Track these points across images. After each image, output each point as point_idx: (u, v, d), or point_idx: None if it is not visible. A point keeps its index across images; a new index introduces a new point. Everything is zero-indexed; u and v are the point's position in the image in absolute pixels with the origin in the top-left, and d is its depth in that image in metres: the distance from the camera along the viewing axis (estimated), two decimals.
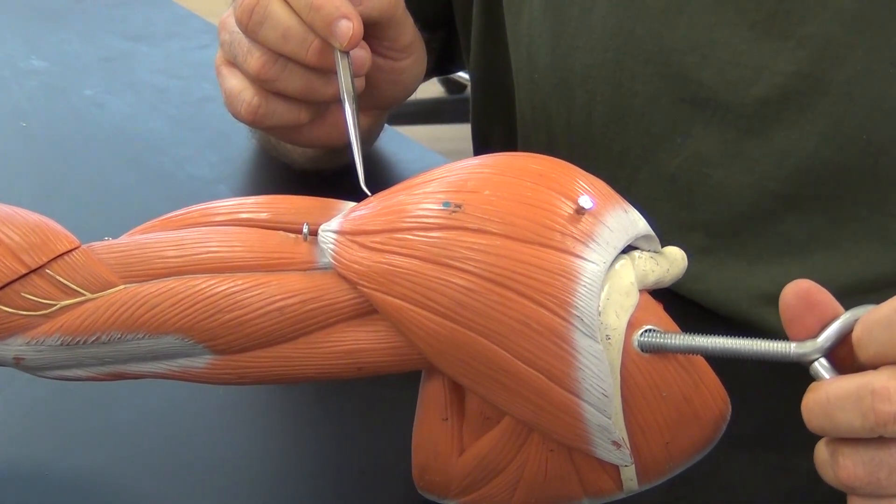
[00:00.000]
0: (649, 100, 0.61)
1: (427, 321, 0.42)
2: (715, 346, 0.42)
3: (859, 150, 0.57)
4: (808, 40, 0.56)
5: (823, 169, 0.58)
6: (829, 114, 0.57)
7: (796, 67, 0.56)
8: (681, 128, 0.60)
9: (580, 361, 0.41)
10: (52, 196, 0.75)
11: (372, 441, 0.55)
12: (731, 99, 0.58)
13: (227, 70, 0.60)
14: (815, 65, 0.56)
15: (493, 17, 0.71)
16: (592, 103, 0.62)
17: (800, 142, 0.58)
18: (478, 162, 0.46)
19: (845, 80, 0.56)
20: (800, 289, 0.40)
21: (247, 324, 0.45)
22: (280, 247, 0.46)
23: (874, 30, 0.55)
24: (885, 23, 0.55)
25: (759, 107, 0.58)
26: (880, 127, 0.56)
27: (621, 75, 0.61)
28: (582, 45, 0.63)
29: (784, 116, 0.58)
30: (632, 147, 0.55)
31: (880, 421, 0.37)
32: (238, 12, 0.55)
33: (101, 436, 0.55)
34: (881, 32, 0.55)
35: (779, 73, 0.57)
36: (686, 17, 0.58)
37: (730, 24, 0.57)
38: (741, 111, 0.59)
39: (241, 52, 0.57)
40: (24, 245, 0.45)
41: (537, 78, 0.66)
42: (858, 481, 0.38)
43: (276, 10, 0.54)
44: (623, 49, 0.61)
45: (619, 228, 0.43)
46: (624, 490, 0.46)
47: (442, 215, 0.43)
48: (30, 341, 0.46)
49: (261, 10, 0.54)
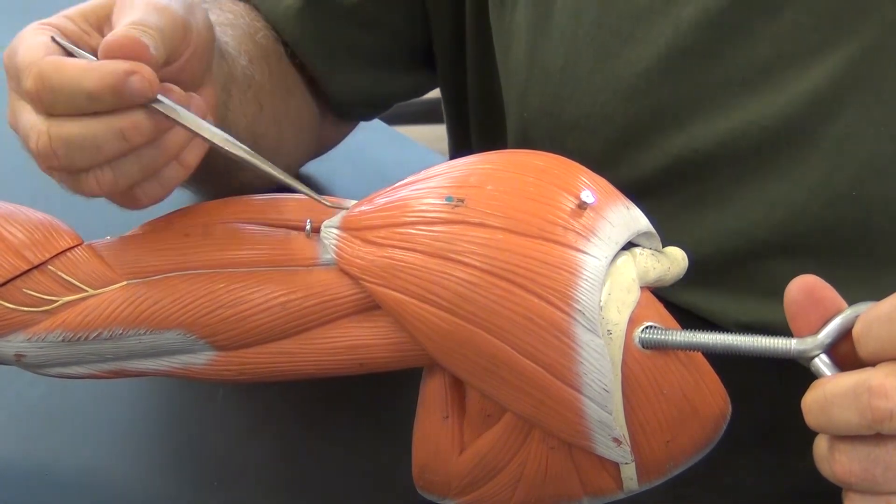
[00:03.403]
0: (641, 149, 0.61)
1: (429, 315, 0.43)
2: (716, 343, 0.42)
3: (850, 206, 0.56)
4: (800, 97, 0.56)
5: (813, 221, 0.58)
6: (820, 168, 0.56)
7: (786, 123, 0.56)
8: (674, 172, 0.60)
9: (581, 356, 0.41)
10: (52, 195, 0.74)
11: (372, 441, 0.55)
12: (721, 152, 0.58)
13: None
14: (807, 120, 0.56)
15: (486, 44, 0.71)
16: (583, 150, 0.62)
17: (790, 194, 0.58)
18: (480, 158, 0.46)
19: (837, 136, 0.56)
20: (805, 284, 0.41)
21: (249, 319, 0.45)
22: (282, 243, 0.46)
23: (865, 88, 0.55)
24: (877, 82, 0.55)
25: (749, 158, 0.58)
26: (871, 184, 0.56)
27: (609, 128, 0.61)
28: (568, 97, 0.62)
29: (775, 168, 0.58)
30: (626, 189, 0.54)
31: (877, 418, 0.37)
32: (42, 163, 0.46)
33: (101, 435, 0.55)
34: (872, 91, 0.55)
35: (769, 129, 0.57)
36: (672, 74, 0.58)
37: (720, 80, 0.57)
38: (733, 161, 0.59)
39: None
40: (27, 242, 0.46)
41: (527, 117, 0.65)
42: (854, 477, 0.38)
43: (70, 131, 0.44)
44: (610, 104, 0.60)
45: (621, 224, 0.43)
46: (624, 489, 0.46)
47: (444, 209, 0.43)
48: (31, 338, 0.46)
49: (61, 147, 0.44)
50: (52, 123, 0.44)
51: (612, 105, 0.60)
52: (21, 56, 0.46)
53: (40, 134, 0.45)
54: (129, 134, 0.44)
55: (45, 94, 0.44)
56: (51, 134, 0.44)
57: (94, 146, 0.44)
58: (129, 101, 0.44)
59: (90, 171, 0.46)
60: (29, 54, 0.45)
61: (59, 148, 0.44)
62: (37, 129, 0.45)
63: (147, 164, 0.47)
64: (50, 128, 0.44)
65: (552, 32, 0.62)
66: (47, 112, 0.45)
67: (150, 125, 0.45)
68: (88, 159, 0.45)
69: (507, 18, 0.65)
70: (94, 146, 0.44)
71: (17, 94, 0.47)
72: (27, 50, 0.46)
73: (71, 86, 0.44)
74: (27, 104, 0.46)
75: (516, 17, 0.65)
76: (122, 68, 0.43)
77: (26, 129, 0.46)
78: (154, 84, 0.44)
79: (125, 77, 0.43)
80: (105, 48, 0.44)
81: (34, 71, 0.44)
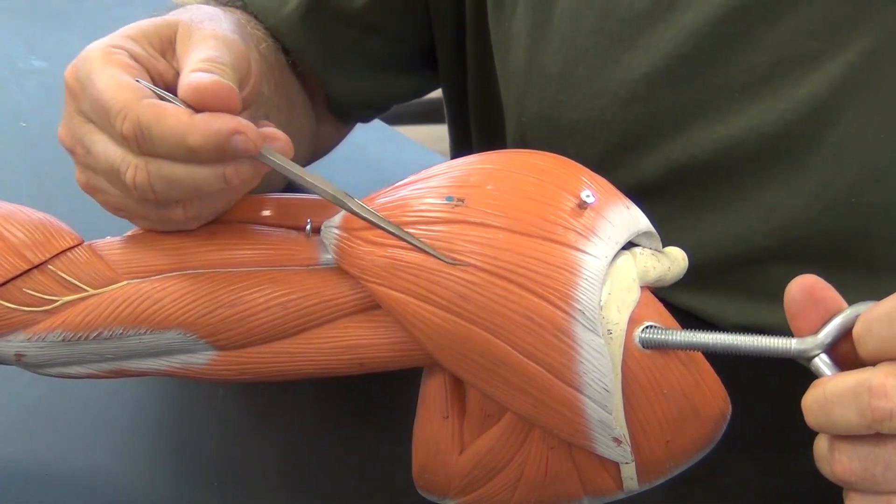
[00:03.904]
0: (640, 154, 0.61)
1: (429, 314, 0.43)
2: (716, 343, 0.42)
3: (848, 213, 0.56)
4: (799, 103, 0.56)
5: (812, 227, 0.58)
6: (818, 174, 0.56)
7: (785, 129, 0.56)
8: (673, 178, 0.60)
9: (581, 355, 0.41)
10: (52, 196, 0.75)
11: (372, 441, 0.55)
12: (720, 157, 0.58)
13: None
14: (806, 126, 0.56)
15: (485, 47, 0.71)
16: (581, 155, 0.62)
17: (788, 199, 0.58)
18: (480, 158, 0.46)
19: (836, 142, 0.56)
20: (805, 283, 0.41)
21: (249, 319, 0.45)
22: (283, 243, 0.46)
23: (864, 95, 0.55)
24: (876, 89, 0.55)
25: (748, 164, 0.58)
26: (870, 190, 0.56)
27: (608, 133, 0.61)
28: (567, 101, 0.62)
29: (774, 174, 0.58)
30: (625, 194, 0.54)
31: (877, 417, 0.37)
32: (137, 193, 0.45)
33: (101, 435, 0.55)
34: (871, 98, 0.55)
35: (769, 135, 0.57)
36: (672, 80, 0.58)
37: (720, 86, 0.58)
38: (732, 167, 0.59)
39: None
40: (27, 241, 0.46)
41: (525, 122, 0.65)
42: (854, 476, 0.38)
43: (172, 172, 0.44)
44: (609, 110, 0.60)
45: (621, 224, 0.43)
46: (624, 489, 0.46)
47: (445, 209, 0.43)
48: (31, 337, 0.46)
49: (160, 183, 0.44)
50: (151, 162, 0.44)
51: (611, 110, 0.60)
52: (104, 93, 0.45)
53: (138, 170, 0.44)
54: (232, 179, 0.44)
55: (145, 141, 0.44)
56: (150, 171, 0.44)
57: (194, 187, 0.44)
58: (232, 158, 0.44)
59: (180, 202, 0.46)
60: (118, 96, 0.44)
61: (157, 185, 0.44)
62: (132, 164, 0.44)
63: (233, 199, 0.47)
64: (148, 165, 0.44)
65: (551, 37, 0.62)
66: (142, 152, 0.44)
67: (252, 171, 0.45)
68: (185, 196, 0.45)
69: (507, 23, 0.65)
70: (194, 187, 0.44)
71: (81, 116, 0.47)
72: (113, 90, 0.45)
73: (174, 139, 0.43)
74: (101, 132, 0.46)
75: (515, 22, 0.65)
76: (226, 128, 0.43)
77: (114, 161, 0.45)
78: (258, 142, 0.44)
79: (229, 136, 0.43)
80: (196, 96, 0.44)
81: (132, 118, 0.43)
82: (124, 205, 0.47)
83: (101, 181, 0.47)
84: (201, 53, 0.46)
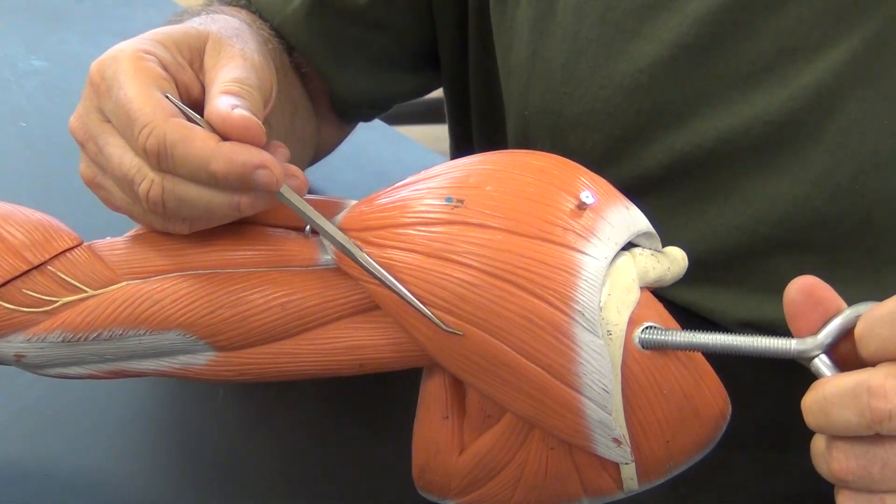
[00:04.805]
0: (643, 145, 0.61)
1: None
2: (716, 343, 0.42)
3: (851, 201, 0.56)
4: (803, 91, 0.56)
5: (815, 216, 0.58)
6: (821, 162, 0.56)
7: (789, 117, 0.56)
8: (676, 168, 0.60)
9: (581, 356, 0.41)
10: (52, 196, 0.75)
11: (372, 441, 0.55)
12: (724, 147, 0.58)
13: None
14: (809, 114, 0.56)
15: (485, 44, 0.71)
16: (584, 147, 0.62)
17: (792, 188, 0.58)
18: (480, 158, 0.46)
19: (839, 130, 0.56)
20: (804, 284, 0.41)
21: (249, 320, 0.45)
22: (282, 244, 0.46)
23: (868, 83, 0.55)
24: (879, 76, 0.55)
25: (751, 153, 0.58)
26: (873, 179, 0.56)
27: (612, 125, 0.61)
28: (570, 93, 0.62)
29: (777, 163, 0.58)
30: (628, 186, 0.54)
31: (876, 418, 0.37)
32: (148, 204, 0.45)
33: (101, 435, 0.55)
34: (874, 85, 0.55)
35: (772, 124, 0.57)
36: (676, 69, 0.58)
37: (723, 75, 0.57)
38: (735, 156, 0.59)
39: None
40: (26, 242, 0.45)
41: (528, 115, 0.65)
42: (851, 475, 0.38)
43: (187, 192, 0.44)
44: (612, 101, 0.60)
45: (621, 224, 0.43)
46: (624, 489, 0.46)
47: (444, 210, 0.43)
48: (31, 338, 0.46)
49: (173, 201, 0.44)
50: (167, 179, 0.44)
51: (614, 101, 0.60)
52: (131, 101, 0.44)
53: (153, 185, 0.44)
54: (245, 210, 0.44)
55: (166, 159, 0.43)
56: (165, 188, 0.44)
57: (206, 210, 0.44)
58: (251, 189, 0.44)
59: (187, 219, 0.46)
60: (146, 108, 0.44)
61: (170, 202, 0.44)
62: (148, 177, 0.44)
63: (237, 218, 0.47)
64: (164, 181, 0.44)
65: (555, 30, 0.62)
66: (160, 169, 0.44)
67: (266, 205, 0.45)
68: (194, 216, 0.45)
69: (509, 16, 0.65)
70: (206, 210, 0.44)
71: (99, 113, 0.46)
72: (140, 101, 0.44)
73: (197, 163, 0.43)
74: (118, 136, 0.45)
75: (518, 15, 0.65)
76: (252, 161, 0.43)
77: (129, 171, 0.45)
78: (281, 179, 0.44)
79: (253, 169, 0.43)
80: (224, 127, 0.44)
81: (158, 134, 0.43)
82: (127, 209, 0.47)
83: (107, 181, 0.47)
84: (231, 73, 0.46)
